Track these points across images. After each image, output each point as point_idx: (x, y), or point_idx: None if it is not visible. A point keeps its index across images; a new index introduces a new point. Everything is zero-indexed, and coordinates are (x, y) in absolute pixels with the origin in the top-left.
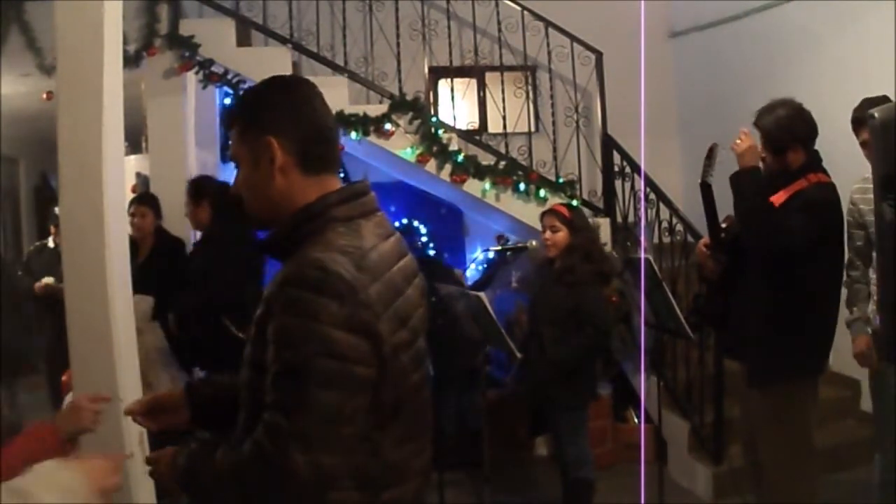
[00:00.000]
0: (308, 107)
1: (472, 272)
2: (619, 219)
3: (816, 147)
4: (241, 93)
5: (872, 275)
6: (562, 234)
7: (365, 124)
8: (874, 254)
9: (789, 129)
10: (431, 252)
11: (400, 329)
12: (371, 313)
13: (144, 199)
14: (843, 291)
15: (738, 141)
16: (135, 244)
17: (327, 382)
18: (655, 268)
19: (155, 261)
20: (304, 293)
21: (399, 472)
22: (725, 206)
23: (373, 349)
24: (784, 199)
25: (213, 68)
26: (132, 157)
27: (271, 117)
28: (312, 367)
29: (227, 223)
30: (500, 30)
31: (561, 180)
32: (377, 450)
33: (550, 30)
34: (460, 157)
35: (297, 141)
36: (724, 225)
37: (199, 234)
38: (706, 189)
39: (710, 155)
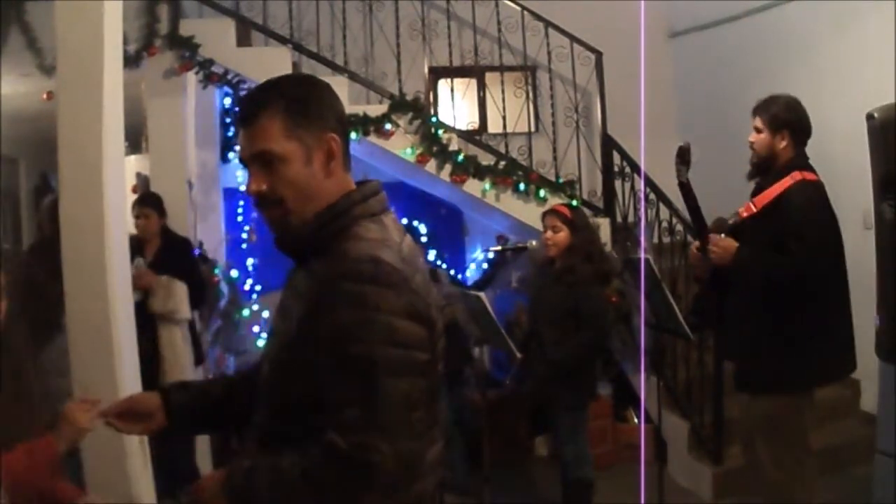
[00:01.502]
0: (342, 106)
1: (472, 272)
2: (619, 219)
3: (816, 147)
4: (272, 85)
5: None
6: (563, 235)
7: (365, 124)
8: None
9: (785, 115)
10: (431, 252)
11: (439, 318)
12: (423, 301)
13: (148, 201)
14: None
15: (714, 248)
16: (139, 242)
17: (396, 370)
18: (655, 268)
19: (163, 261)
20: (362, 286)
21: (422, 464)
22: (711, 203)
23: (428, 335)
24: (770, 199)
25: (213, 68)
26: (132, 157)
27: (329, 114)
28: (380, 357)
29: None
30: (500, 30)
31: (561, 180)
32: None
33: (550, 30)
34: (460, 157)
35: (344, 139)
36: (711, 228)
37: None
38: (685, 188)
39: (681, 153)
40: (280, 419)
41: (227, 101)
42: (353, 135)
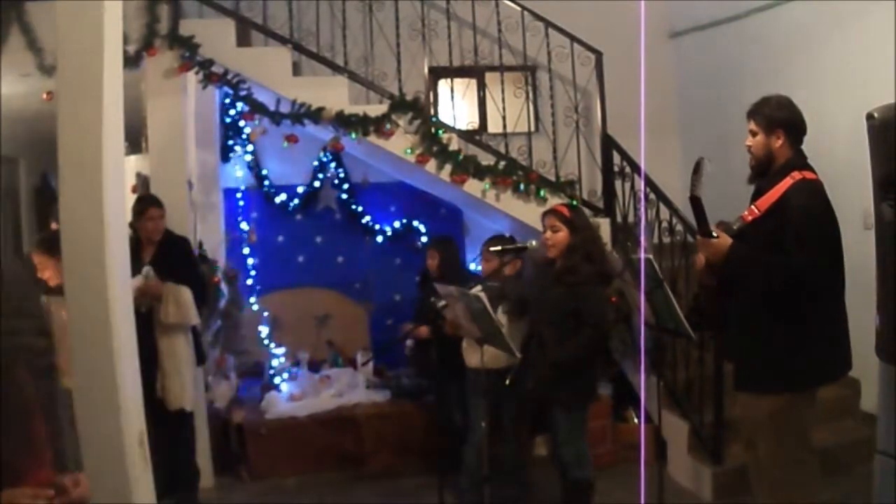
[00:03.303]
0: None
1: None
2: (619, 219)
3: (816, 147)
4: None
5: None
6: (562, 234)
7: (365, 124)
8: None
9: (777, 114)
10: None
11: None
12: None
13: (157, 202)
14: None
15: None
16: (137, 244)
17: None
18: (657, 267)
19: (165, 260)
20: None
21: None
22: (712, 203)
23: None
24: (771, 203)
25: (213, 68)
26: (132, 157)
27: None
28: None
29: None
30: (500, 30)
31: (561, 180)
32: None
33: (550, 30)
34: (460, 157)
35: None
36: (715, 235)
37: None
38: (696, 202)
39: (697, 169)
40: None
41: (227, 101)
42: (352, 135)
